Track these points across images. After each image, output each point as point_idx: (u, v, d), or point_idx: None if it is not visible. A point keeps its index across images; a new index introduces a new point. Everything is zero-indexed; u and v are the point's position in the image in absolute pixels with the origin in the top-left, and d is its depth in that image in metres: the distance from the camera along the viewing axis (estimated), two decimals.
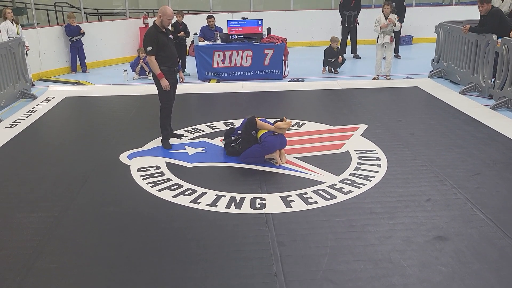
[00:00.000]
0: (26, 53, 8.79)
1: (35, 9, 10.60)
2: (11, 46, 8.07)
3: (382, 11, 8.99)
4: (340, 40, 11.17)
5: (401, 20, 10.99)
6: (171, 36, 5.88)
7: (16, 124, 6.85)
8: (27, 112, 7.45)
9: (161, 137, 5.97)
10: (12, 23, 8.78)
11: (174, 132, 6.16)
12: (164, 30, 5.68)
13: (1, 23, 8.80)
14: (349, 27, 11.37)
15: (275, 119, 5.47)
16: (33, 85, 9.15)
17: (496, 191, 4.55)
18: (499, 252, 3.58)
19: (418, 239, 3.77)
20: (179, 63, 6.15)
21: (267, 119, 5.60)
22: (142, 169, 5.21)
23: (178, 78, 6.09)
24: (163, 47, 5.60)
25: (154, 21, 5.69)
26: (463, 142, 5.80)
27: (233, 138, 5.51)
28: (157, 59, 5.59)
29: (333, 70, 10.11)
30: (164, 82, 5.66)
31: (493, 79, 7.68)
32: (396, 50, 11.24)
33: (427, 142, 5.84)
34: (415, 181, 4.77)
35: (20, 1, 12.95)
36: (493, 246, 3.65)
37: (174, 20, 5.71)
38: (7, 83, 7.88)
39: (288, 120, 5.38)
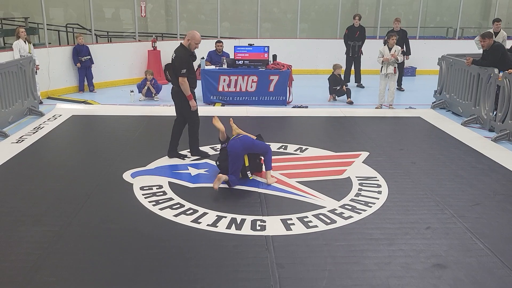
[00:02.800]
0: (36, 72, 8.98)
1: (47, 29, 10.85)
2: (22, 64, 8.25)
3: (386, 43, 9.17)
4: (344, 69, 11.36)
5: (407, 52, 11.20)
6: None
7: (23, 140, 6.95)
8: (34, 129, 7.57)
9: (165, 157, 6.14)
10: (24, 42, 9.01)
11: (179, 152, 6.26)
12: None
13: (14, 41, 9.03)
14: (354, 57, 11.57)
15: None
16: (41, 103, 9.30)
17: (496, 221, 4.57)
18: (498, 282, 3.58)
19: (417, 266, 3.77)
20: None
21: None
22: (145, 188, 5.26)
23: None
24: (191, 70, 5.93)
25: (181, 43, 5.94)
26: (464, 173, 5.84)
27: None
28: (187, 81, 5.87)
29: (337, 98, 10.26)
30: (193, 103, 6.01)
31: (494, 112, 7.78)
32: (399, 83, 11.35)
33: (428, 171, 5.89)
34: (415, 209, 4.80)
35: (33, 21, 13.27)
36: (492, 276, 3.66)
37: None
38: (15, 99, 8.02)
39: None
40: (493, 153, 6.59)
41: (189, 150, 6.38)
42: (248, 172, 5.49)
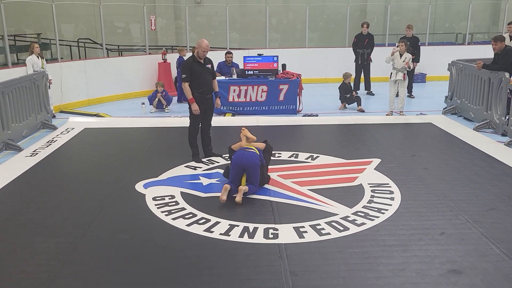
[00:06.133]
0: (49, 86, 9.12)
1: (59, 44, 11.04)
2: (35, 79, 8.40)
3: (397, 46, 9.17)
4: (354, 76, 11.36)
5: (416, 59, 11.17)
6: (209, 66, 6.43)
7: (36, 153, 7.04)
8: (47, 142, 7.66)
9: (179, 165, 6.33)
10: (37, 57, 9.16)
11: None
12: (202, 60, 6.28)
13: (28, 57, 9.20)
14: (363, 64, 11.58)
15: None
16: (54, 117, 9.43)
17: None
18: None
19: (432, 272, 3.73)
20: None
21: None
22: (157, 198, 5.29)
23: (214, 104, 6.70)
24: (197, 75, 6.24)
25: (193, 52, 6.38)
26: (477, 178, 5.79)
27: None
28: (191, 86, 6.22)
29: (347, 105, 10.26)
30: (194, 107, 6.28)
31: (507, 116, 7.70)
32: (410, 90, 11.30)
33: (441, 177, 5.84)
34: (429, 215, 4.76)
35: (45, 37, 13.51)
36: (509, 281, 3.60)
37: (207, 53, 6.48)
38: (29, 114, 8.15)
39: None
40: (507, 157, 6.51)
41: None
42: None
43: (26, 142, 7.80)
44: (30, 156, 6.94)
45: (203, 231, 4.49)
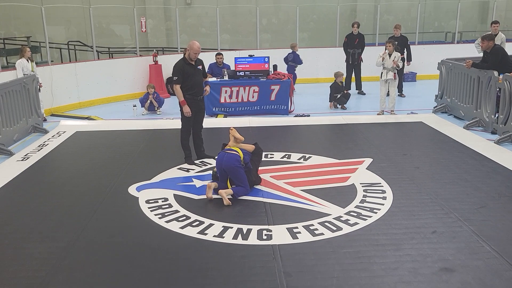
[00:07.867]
0: (39, 89, 9.06)
1: (49, 47, 10.96)
2: (25, 82, 8.34)
3: (385, 49, 9.24)
4: (345, 76, 11.42)
5: (408, 58, 11.26)
6: (200, 67, 6.45)
7: (28, 158, 7.00)
8: (39, 146, 7.62)
9: (172, 168, 6.35)
10: (27, 60, 9.10)
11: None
12: (193, 62, 6.29)
13: (17, 60, 9.13)
14: (354, 64, 11.64)
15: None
16: (45, 120, 9.38)
17: (502, 223, 4.57)
18: (506, 283, 3.58)
19: (424, 271, 3.77)
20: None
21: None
22: (150, 201, 5.29)
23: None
24: (189, 77, 6.26)
25: (184, 54, 6.36)
26: (468, 176, 5.85)
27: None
28: (182, 87, 6.23)
29: (339, 106, 10.30)
30: (186, 109, 6.30)
31: (496, 114, 7.79)
32: (400, 89, 11.39)
33: (432, 176, 5.90)
34: (421, 214, 4.81)
35: (35, 40, 13.42)
36: (500, 278, 3.65)
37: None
38: (20, 117, 8.09)
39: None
40: (497, 155, 6.59)
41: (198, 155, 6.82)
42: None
43: (17, 146, 7.74)
44: (22, 160, 6.90)
45: (197, 233, 4.50)
